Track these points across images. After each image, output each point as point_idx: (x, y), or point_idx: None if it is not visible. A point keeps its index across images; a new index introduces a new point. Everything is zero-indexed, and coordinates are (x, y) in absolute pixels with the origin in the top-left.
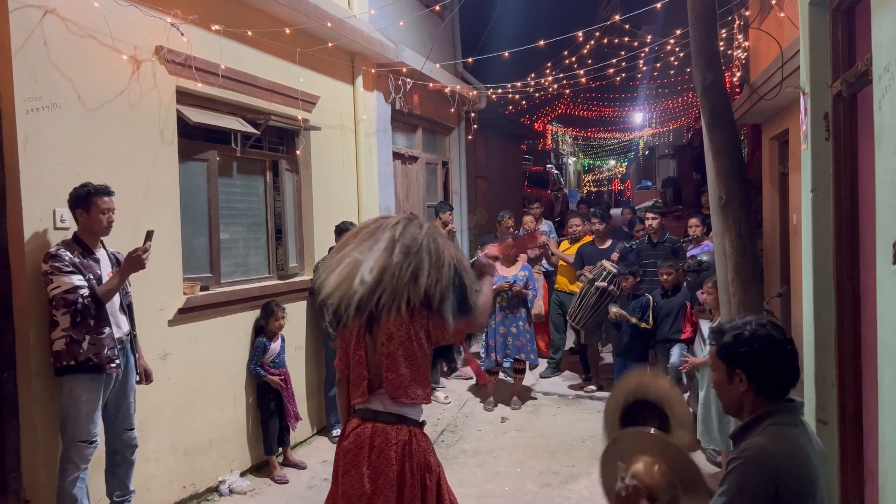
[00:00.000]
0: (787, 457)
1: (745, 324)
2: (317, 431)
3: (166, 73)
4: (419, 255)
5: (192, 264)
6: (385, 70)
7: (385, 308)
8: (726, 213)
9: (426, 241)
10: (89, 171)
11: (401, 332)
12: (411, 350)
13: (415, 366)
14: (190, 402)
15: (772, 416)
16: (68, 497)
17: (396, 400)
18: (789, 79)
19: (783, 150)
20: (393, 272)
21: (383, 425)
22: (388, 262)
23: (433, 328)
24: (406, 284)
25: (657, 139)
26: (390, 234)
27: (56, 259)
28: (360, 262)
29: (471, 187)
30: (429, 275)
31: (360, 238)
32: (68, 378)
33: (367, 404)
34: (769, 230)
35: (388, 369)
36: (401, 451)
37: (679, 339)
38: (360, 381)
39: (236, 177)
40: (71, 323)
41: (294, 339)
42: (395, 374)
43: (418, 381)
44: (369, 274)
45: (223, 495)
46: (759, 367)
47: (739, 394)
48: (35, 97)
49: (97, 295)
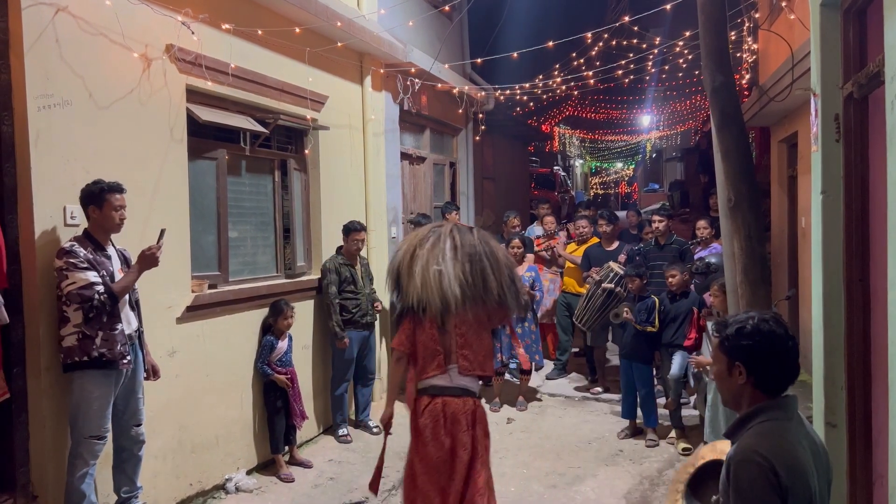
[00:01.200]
0: (775, 449)
1: (748, 318)
2: (323, 431)
3: (176, 71)
4: (481, 260)
5: (201, 262)
6: (393, 70)
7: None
8: (735, 215)
9: (482, 247)
10: (99, 168)
11: (470, 318)
12: (480, 333)
13: (485, 345)
14: (197, 400)
15: (766, 411)
16: (77, 493)
17: (471, 373)
18: (799, 81)
19: (792, 153)
20: (467, 280)
21: (451, 398)
22: (460, 270)
23: (493, 316)
24: (480, 290)
25: (665, 142)
26: (451, 243)
27: (71, 255)
28: (443, 273)
29: (478, 188)
30: (494, 277)
31: (426, 247)
32: (79, 374)
33: (432, 381)
34: (777, 233)
35: (461, 347)
36: (470, 418)
37: (681, 345)
38: (435, 356)
39: (245, 176)
40: (84, 319)
41: (301, 339)
42: (470, 352)
43: (483, 359)
44: (455, 285)
45: (229, 493)
46: (758, 360)
47: (738, 386)
48: (46, 94)
49: (112, 291)
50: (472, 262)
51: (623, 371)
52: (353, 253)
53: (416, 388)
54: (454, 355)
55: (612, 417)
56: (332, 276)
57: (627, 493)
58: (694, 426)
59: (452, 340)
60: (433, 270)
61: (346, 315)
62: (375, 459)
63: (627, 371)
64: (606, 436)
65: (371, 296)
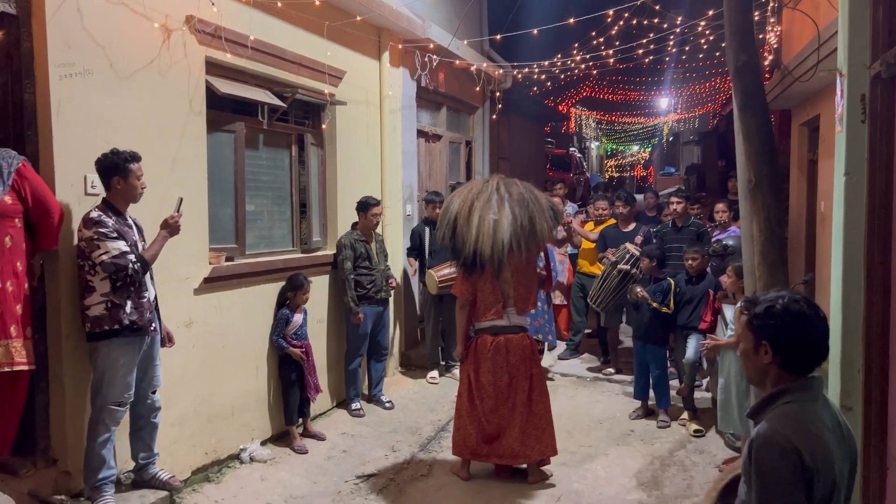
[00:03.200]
0: (800, 431)
1: (778, 297)
2: (336, 404)
3: (196, 42)
4: (528, 207)
5: (218, 235)
6: (411, 46)
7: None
8: (755, 197)
9: (527, 195)
10: (119, 138)
11: (521, 264)
12: (529, 276)
13: (532, 286)
14: (213, 371)
15: (791, 392)
16: (97, 458)
17: (524, 311)
18: (825, 61)
19: (813, 137)
20: (519, 226)
21: (511, 335)
22: (512, 217)
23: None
24: (528, 234)
25: (682, 125)
26: (500, 194)
27: (101, 225)
28: (498, 222)
29: (493, 168)
30: (539, 222)
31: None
32: (105, 343)
33: (494, 322)
34: (795, 218)
35: (516, 290)
36: (527, 352)
37: (697, 327)
38: (496, 303)
39: (262, 149)
40: (111, 288)
41: (316, 313)
42: (524, 292)
43: (533, 295)
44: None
45: (244, 462)
46: (786, 340)
47: (764, 365)
48: (68, 63)
49: (144, 259)
50: (521, 209)
51: (636, 352)
52: (369, 228)
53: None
54: (511, 299)
55: (624, 398)
56: (347, 251)
57: (638, 473)
58: (706, 409)
59: (509, 286)
60: (489, 220)
61: (361, 291)
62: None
63: (641, 352)
64: (618, 416)
65: (386, 272)
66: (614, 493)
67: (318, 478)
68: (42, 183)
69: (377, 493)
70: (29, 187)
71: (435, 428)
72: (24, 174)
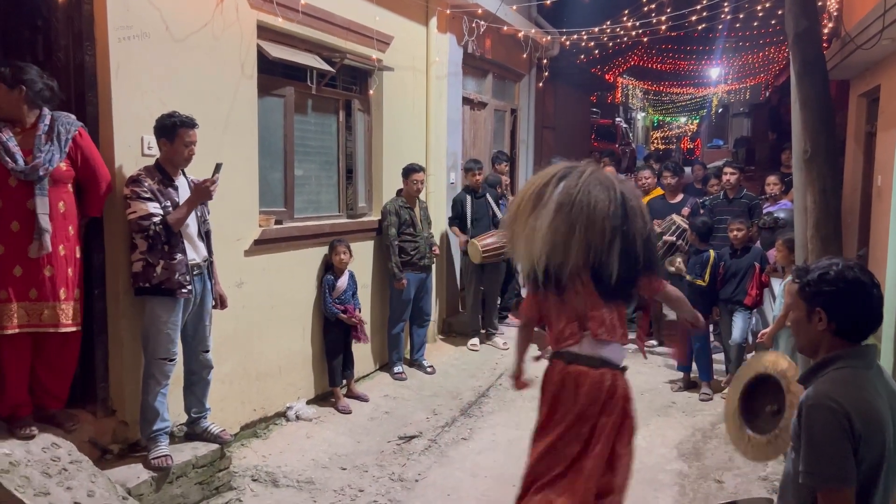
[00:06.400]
0: (851, 395)
1: (831, 264)
2: (378, 367)
3: (248, 6)
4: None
5: (268, 198)
6: (459, 11)
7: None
8: (810, 167)
9: (579, 196)
10: (174, 100)
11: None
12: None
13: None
14: (262, 330)
15: (844, 358)
16: (151, 410)
17: (602, 339)
18: (889, 28)
19: (872, 108)
20: (555, 235)
21: (586, 368)
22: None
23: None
24: (565, 245)
25: (732, 96)
26: (549, 194)
27: (136, 184)
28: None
29: (538, 137)
30: (586, 231)
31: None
32: (148, 299)
33: (569, 348)
34: (849, 191)
35: (590, 310)
36: (605, 392)
37: (742, 301)
38: (571, 322)
39: (311, 114)
40: (148, 247)
41: (360, 278)
42: (599, 315)
43: (621, 323)
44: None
45: (290, 420)
46: (841, 307)
47: (817, 333)
48: (126, 25)
49: (168, 222)
50: (561, 213)
51: None
52: (412, 195)
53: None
54: (585, 321)
55: (666, 370)
56: (392, 217)
57: (679, 444)
58: None
59: (581, 304)
60: (531, 226)
61: (405, 257)
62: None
63: None
64: (660, 388)
65: (429, 239)
66: (654, 463)
67: (361, 437)
68: (95, 150)
69: (419, 454)
70: (81, 155)
71: (475, 393)
72: (79, 142)
